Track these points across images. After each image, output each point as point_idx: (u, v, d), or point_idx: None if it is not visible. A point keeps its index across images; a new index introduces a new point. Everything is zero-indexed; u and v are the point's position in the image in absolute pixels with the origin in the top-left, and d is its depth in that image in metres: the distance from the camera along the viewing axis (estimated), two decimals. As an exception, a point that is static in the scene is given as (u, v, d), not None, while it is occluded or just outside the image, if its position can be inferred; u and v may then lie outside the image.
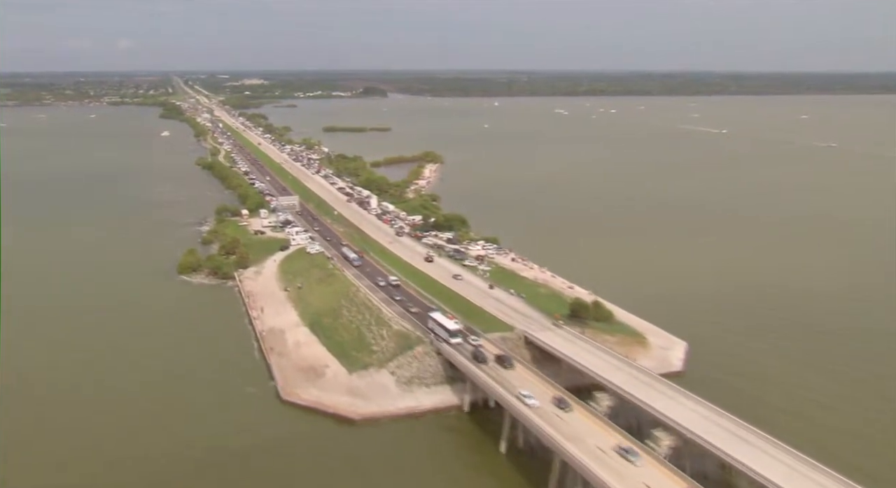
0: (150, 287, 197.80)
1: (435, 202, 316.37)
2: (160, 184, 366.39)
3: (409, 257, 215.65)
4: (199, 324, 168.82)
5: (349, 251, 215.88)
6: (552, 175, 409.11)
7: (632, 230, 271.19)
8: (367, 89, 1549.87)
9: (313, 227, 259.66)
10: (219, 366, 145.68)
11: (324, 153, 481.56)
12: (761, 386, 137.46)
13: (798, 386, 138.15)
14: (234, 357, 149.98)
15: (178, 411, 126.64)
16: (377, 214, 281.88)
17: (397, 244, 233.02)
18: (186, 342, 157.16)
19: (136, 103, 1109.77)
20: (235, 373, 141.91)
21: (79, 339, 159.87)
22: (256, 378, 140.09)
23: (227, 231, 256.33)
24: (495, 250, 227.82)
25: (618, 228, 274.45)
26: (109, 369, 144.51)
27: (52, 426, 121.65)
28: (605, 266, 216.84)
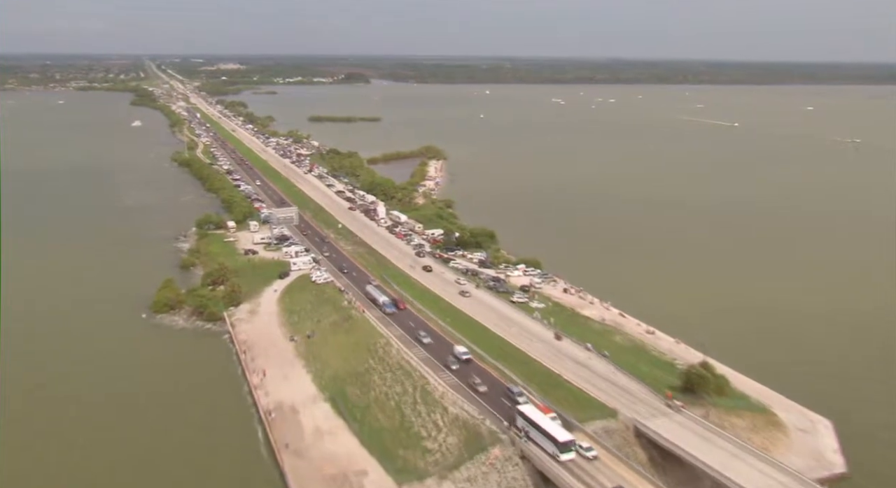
0: (115, 334, 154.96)
1: (450, 209, 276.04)
2: (131, 186, 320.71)
3: (442, 289, 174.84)
4: (179, 399, 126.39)
5: (377, 292, 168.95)
6: (574, 173, 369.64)
7: (697, 245, 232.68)
8: (348, 75, 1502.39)
9: (315, 245, 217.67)
10: (209, 475, 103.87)
11: (314, 148, 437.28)
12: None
13: None
14: (231, 457, 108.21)
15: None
16: (388, 227, 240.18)
17: (421, 269, 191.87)
18: (160, 431, 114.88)
19: (106, 88, 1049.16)
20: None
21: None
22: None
23: (212, 249, 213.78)
24: (540, 277, 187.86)
25: (678, 243, 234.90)
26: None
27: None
28: (679, 299, 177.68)
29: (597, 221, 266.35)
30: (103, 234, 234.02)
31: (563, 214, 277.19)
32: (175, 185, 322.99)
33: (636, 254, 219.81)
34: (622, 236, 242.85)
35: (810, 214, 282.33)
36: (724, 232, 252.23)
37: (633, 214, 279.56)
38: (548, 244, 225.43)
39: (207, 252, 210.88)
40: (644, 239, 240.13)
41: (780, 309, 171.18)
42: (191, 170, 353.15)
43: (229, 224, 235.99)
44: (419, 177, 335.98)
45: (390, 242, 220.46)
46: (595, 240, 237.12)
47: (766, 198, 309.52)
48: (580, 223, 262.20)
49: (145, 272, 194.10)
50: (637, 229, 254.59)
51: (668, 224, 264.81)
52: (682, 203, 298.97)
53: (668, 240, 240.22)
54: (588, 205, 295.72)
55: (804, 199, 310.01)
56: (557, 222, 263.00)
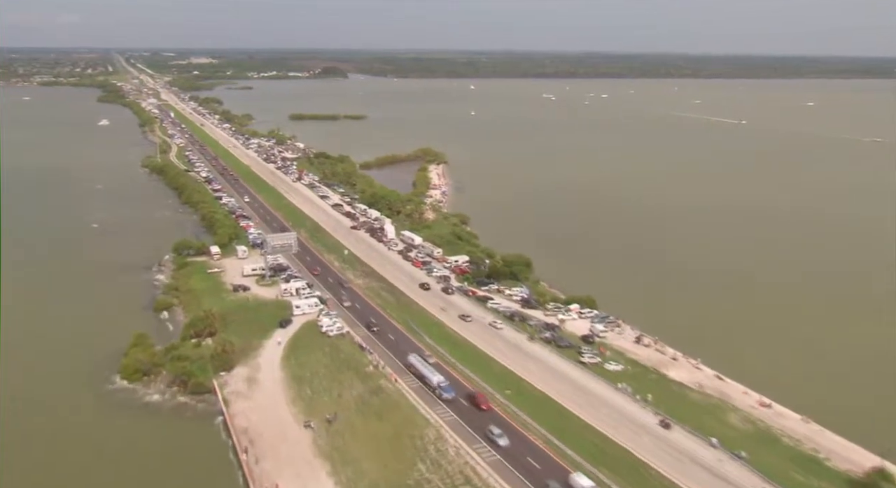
0: (68, 416, 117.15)
1: (466, 225, 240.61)
2: (95, 198, 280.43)
3: (490, 344, 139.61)
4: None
5: (425, 366, 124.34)
6: (593, 177, 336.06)
7: (771, 271, 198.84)
8: (325, 70, 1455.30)
9: (318, 278, 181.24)
10: None
11: (300, 150, 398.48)
12: None
13: None
14: None
15: None
16: (400, 251, 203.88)
17: (456, 313, 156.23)
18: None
19: (72, 84, 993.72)
20: None
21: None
22: None
23: (193, 284, 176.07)
24: (600, 321, 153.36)
25: (745, 269, 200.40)
26: None
27: None
28: (771, 350, 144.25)
29: (640, 238, 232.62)
30: (61, 264, 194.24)
31: (595, 228, 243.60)
32: (147, 197, 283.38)
33: (698, 282, 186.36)
34: (675, 257, 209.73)
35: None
36: (797, 252, 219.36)
37: (679, 226, 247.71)
38: (589, 271, 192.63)
39: (188, 288, 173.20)
40: (703, 259, 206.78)
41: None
42: (164, 179, 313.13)
43: (212, 250, 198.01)
44: (423, 186, 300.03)
45: (410, 274, 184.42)
46: (643, 264, 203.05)
47: (825, 207, 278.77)
48: (620, 242, 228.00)
49: (112, 317, 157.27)
50: (690, 247, 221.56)
51: (725, 238, 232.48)
52: (729, 211, 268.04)
53: (732, 262, 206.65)
54: (624, 217, 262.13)
55: (867, 206, 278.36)
56: (592, 239, 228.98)
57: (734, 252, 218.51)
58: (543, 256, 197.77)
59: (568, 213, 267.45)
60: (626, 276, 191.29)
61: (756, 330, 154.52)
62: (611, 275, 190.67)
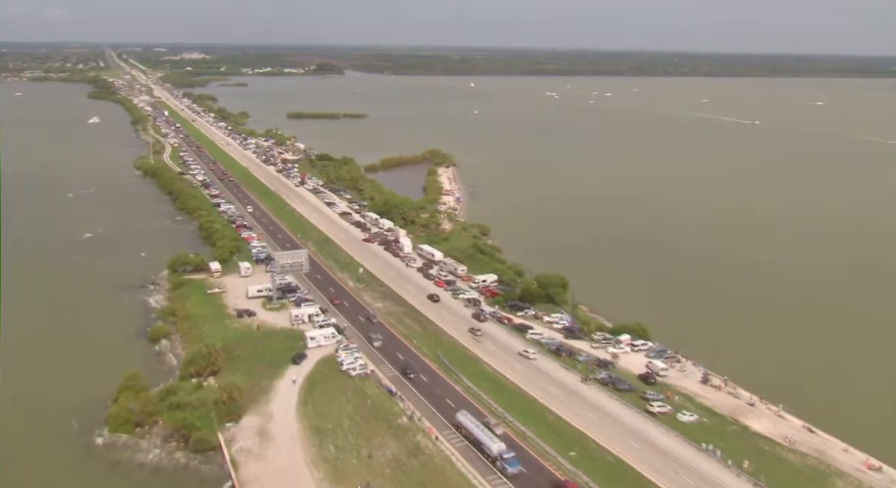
0: (42, 481, 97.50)
1: (486, 237, 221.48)
2: (84, 203, 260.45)
3: (536, 387, 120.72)
4: None
5: (485, 433, 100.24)
6: (620, 183, 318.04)
7: (855, 292, 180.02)
8: (320, 66, 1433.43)
9: (332, 300, 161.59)
10: None
11: (300, 151, 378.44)
12: None
13: None
14: None
15: None
16: (420, 268, 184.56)
17: (490, 345, 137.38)
18: None
19: (62, 79, 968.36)
20: None
21: None
22: None
23: (191, 308, 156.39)
24: (656, 355, 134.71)
25: (823, 293, 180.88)
26: None
27: None
28: (876, 394, 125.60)
29: (688, 253, 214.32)
30: (43, 284, 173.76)
31: (632, 241, 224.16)
32: (140, 203, 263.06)
33: (768, 308, 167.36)
34: (734, 277, 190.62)
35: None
36: (871, 270, 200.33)
37: (733, 240, 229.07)
38: (632, 292, 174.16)
39: (186, 313, 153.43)
40: (770, 281, 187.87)
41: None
42: (158, 182, 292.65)
43: (212, 267, 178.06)
44: (435, 192, 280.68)
45: (431, 295, 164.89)
46: (696, 284, 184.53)
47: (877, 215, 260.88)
48: (664, 257, 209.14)
49: (100, 349, 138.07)
50: (752, 265, 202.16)
51: (791, 254, 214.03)
52: (779, 221, 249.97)
53: (804, 284, 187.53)
54: (665, 228, 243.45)
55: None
56: (630, 254, 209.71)
57: (806, 271, 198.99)
58: (577, 273, 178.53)
59: (599, 223, 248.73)
60: (677, 299, 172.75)
61: (846, 368, 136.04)
62: (658, 297, 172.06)
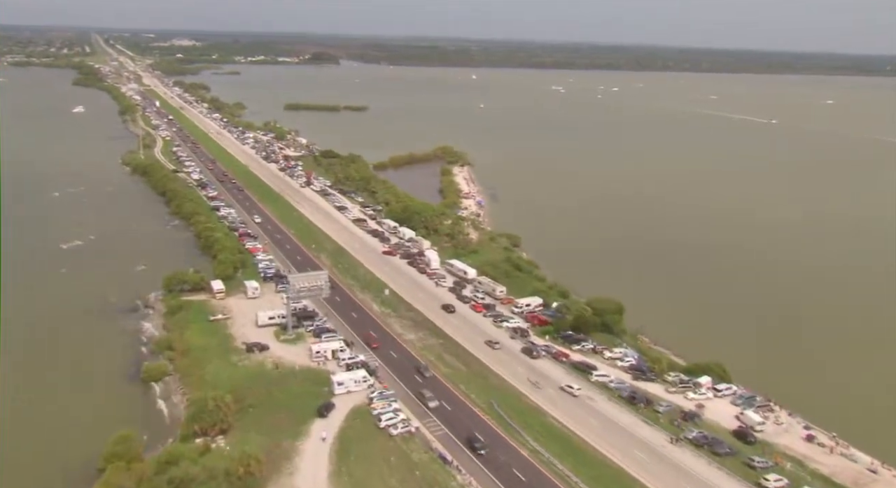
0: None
1: (518, 248, 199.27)
2: (67, 206, 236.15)
3: (617, 450, 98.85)
4: None
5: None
6: (651, 185, 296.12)
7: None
8: (315, 55, 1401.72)
9: (355, 328, 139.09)
10: None
11: (302, 147, 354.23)
12: None
13: None
14: None
15: None
16: (452, 287, 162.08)
17: (550, 389, 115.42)
18: None
19: (45, 64, 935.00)
20: None
21: None
22: None
23: (191, 339, 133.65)
24: (747, 403, 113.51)
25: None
26: None
27: None
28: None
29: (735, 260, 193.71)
30: (22, 305, 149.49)
31: (682, 253, 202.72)
32: (129, 205, 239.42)
33: (864, 340, 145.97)
34: (790, 291, 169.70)
35: None
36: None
37: (780, 244, 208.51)
38: (687, 313, 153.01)
39: (185, 346, 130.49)
40: (859, 306, 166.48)
41: None
42: (149, 181, 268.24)
43: (214, 286, 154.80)
44: (453, 195, 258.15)
45: (470, 323, 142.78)
46: (765, 307, 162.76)
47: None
48: (724, 272, 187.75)
49: (83, 395, 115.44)
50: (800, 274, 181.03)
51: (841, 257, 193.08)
52: (835, 224, 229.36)
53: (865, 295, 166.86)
54: (718, 236, 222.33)
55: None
56: (682, 268, 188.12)
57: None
58: (624, 292, 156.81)
59: (638, 228, 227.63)
60: (743, 322, 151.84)
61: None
62: (720, 321, 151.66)
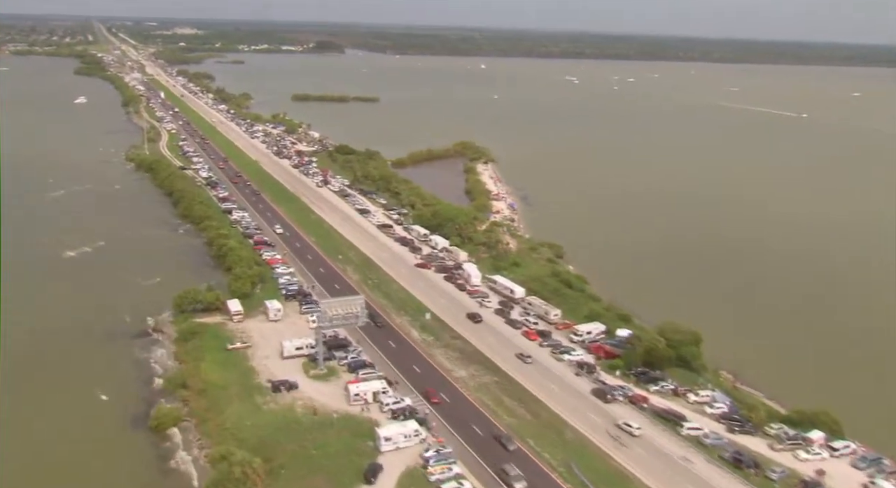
0: None
1: (561, 258, 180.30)
2: (68, 208, 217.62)
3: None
4: None
5: None
6: (693, 183, 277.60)
7: None
8: (320, 44, 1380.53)
9: (391, 357, 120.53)
10: None
11: (315, 141, 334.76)
12: None
13: None
14: None
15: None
16: (499, 310, 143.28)
17: (637, 446, 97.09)
18: None
19: (48, 53, 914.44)
20: None
21: None
22: None
23: (206, 373, 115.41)
24: (873, 467, 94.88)
25: None
26: None
27: None
28: None
29: (816, 271, 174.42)
30: (16, 329, 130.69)
31: (753, 266, 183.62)
32: (133, 207, 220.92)
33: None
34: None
35: None
36: None
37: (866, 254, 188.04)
38: (782, 345, 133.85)
39: (201, 383, 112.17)
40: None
41: None
42: (155, 179, 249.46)
43: (231, 307, 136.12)
44: (482, 196, 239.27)
45: (527, 356, 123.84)
46: (867, 332, 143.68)
47: None
48: (790, 279, 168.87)
49: (83, 446, 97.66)
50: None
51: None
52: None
53: None
54: (773, 237, 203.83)
55: None
56: (756, 284, 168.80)
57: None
58: (692, 314, 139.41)
59: (698, 235, 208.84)
60: (857, 361, 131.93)
61: None
62: (827, 359, 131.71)
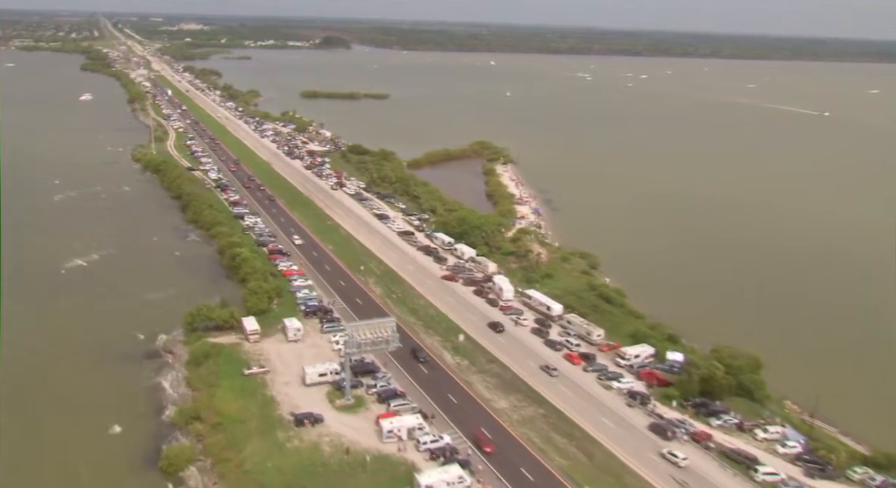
0: None
1: (595, 269, 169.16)
2: (74, 211, 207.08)
3: None
4: None
5: None
6: (726, 186, 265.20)
7: None
8: (326, 39, 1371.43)
9: (426, 388, 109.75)
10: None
11: (327, 140, 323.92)
12: None
13: None
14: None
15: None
16: (535, 329, 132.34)
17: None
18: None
19: (53, 49, 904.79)
20: None
21: None
22: None
23: (221, 403, 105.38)
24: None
25: None
26: None
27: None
28: None
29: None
30: (13, 350, 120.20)
31: (802, 272, 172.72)
32: (140, 211, 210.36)
33: None
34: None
35: None
36: None
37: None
38: (855, 372, 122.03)
39: (216, 416, 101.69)
40: None
41: None
42: (163, 181, 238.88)
43: (246, 325, 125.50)
44: (505, 200, 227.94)
45: (571, 382, 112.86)
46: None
47: None
48: (860, 298, 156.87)
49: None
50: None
51: None
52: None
53: None
54: (843, 248, 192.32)
55: None
56: (812, 298, 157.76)
57: None
58: (744, 333, 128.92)
59: (742, 244, 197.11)
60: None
61: None
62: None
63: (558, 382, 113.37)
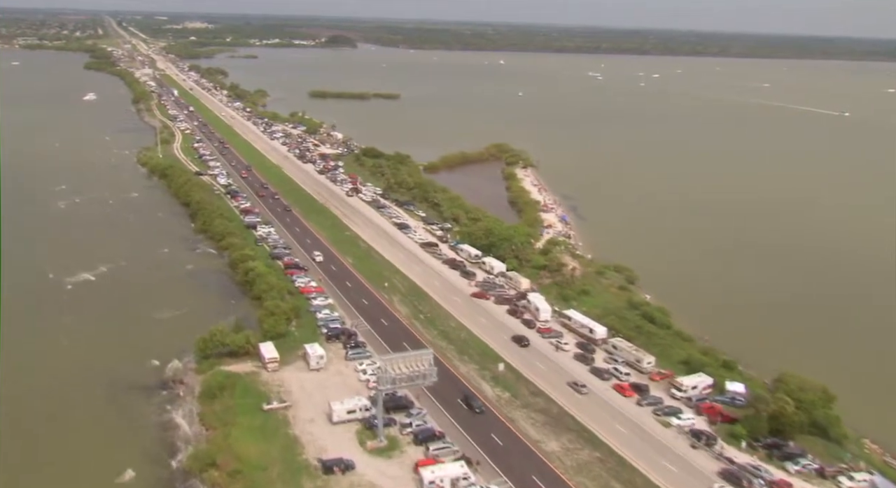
0: None
1: (633, 284, 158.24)
2: (78, 220, 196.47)
3: None
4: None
5: None
6: (762, 189, 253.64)
7: None
8: (332, 38, 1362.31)
9: (471, 433, 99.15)
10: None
11: (340, 143, 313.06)
12: None
13: None
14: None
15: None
16: (578, 354, 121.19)
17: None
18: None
19: (57, 47, 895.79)
20: None
21: None
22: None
23: (241, 443, 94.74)
24: None
25: None
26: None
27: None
28: None
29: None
30: (10, 378, 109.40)
31: (865, 286, 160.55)
32: (148, 219, 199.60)
33: None
34: None
35: None
36: None
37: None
38: None
39: (233, 463, 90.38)
40: None
41: None
42: (170, 186, 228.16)
43: (264, 352, 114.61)
44: (530, 208, 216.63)
45: (626, 419, 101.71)
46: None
47: None
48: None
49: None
50: None
51: None
52: None
53: None
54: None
55: None
56: (879, 315, 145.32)
57: None
58: (804, 357, 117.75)
59: (790, 252, 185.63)
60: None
61: None
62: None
63: (611, 418, 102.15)
